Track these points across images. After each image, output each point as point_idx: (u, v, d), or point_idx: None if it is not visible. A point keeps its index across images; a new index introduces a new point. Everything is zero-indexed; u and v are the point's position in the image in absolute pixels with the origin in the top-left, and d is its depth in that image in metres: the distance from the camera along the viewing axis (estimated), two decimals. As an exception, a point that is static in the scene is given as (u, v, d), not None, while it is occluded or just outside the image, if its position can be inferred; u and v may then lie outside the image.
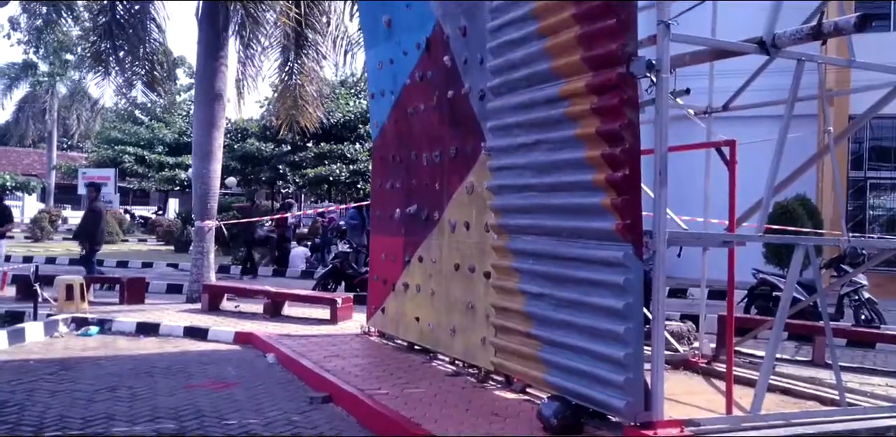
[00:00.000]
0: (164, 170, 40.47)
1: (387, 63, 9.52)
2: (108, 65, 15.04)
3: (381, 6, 9.48)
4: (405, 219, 9.07)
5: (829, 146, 6.42)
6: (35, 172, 52.66)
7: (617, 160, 4.97)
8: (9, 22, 25.43)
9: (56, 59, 42.38)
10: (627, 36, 4.98)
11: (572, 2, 5.32)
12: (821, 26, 5.47)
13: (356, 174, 31.91)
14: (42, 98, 49.07)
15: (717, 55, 6.15)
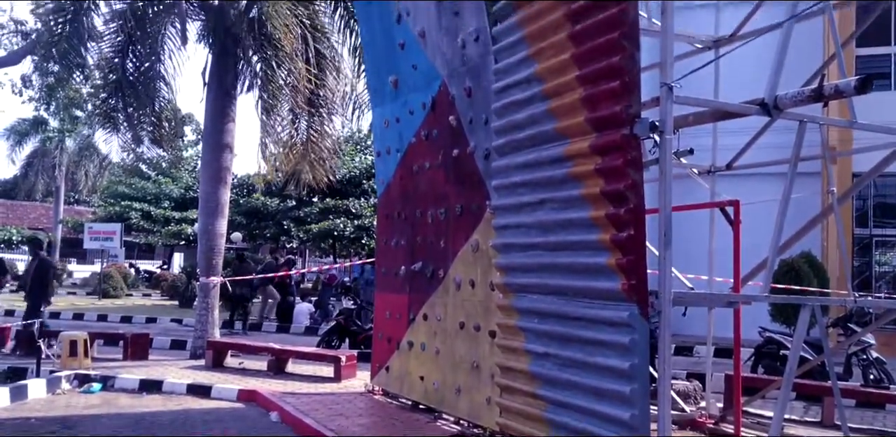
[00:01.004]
0: (170, 225, 40.58)
1: (393, 122, 9.63)
2: (117, 121, 15.22)
3: (388, 67, 9.64)
4: (410, 276, 9.08)
5: (833, 207, 6.45)
6: (42, 227, 52.88)
7: (621, 220, 5.00)
8: (21, 80, 25.78)
9: (66, 115, 42.85)
10: (631, 98, 5.04)
11: (576, 64, 5.41)
12: (822, 89, 5.54)
13: (361, 229, 31.95)
14: (51, 153, 49.49)
15: (720, 116, 6.22)
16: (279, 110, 14.74)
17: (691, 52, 8.51)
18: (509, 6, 6.38)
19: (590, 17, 5.30)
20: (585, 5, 5.35)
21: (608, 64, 5.10)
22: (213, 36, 14.07)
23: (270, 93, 14.11)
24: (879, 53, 19.78)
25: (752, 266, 6.72)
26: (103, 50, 14.95)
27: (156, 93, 14.88)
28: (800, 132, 5.86)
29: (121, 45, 14.58)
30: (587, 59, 5.30)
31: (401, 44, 9.12)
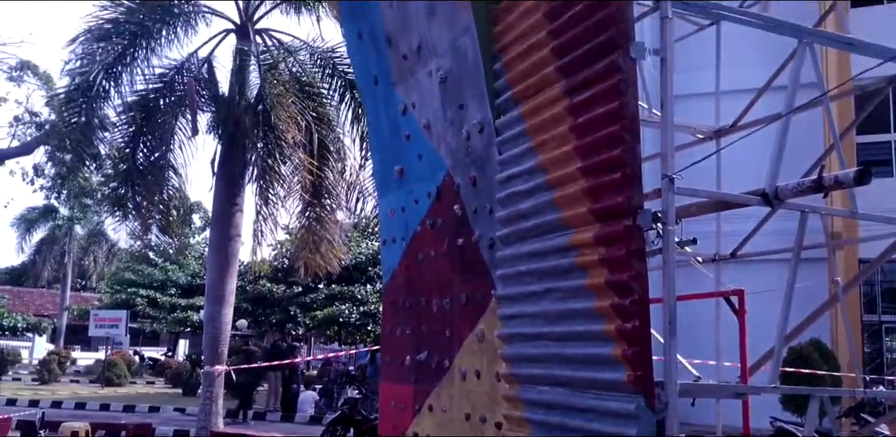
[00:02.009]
0: (176, 312, 40.47)
1: (398, 211, 9.71)
2: (127, 209, 15.40)
3: (394, 157, 9.78)
4: (415, 366, 8.99)
5: (838, 296, 6.44)
6: (47, 313, 52.75)
7: (626, 311, 4.99)
8: (33, 169, 26.26)
9: (76, 203, 43.35)
10: (633, 189, 5.11)
11: (578, 156, 5.50)
12: (821, 179, 5.61)
13: (366, 316, 31.82)
14: (60, 241, 49.81)
15: (722, 207, 6.28)
16: (282, 199, 14.92)
17: (692, 143, 8.64)
18: (512, 100, 6.53)
19: (590, 111, 5.42)
20: (586, 99, 5.47)
21: (609, 156, 5.18)
22: (221, 127, 14.34)
23: (270, 182, 14.31)
24: (880, 140, 20.01)
25: (761, 353, 6.67)
26: (115, 140, 15.24)
27: (165, 182, 15.10)
28: (802, 222, 5.91)
29: (132, 135, 14.87)
30: (589, 152, 5.39)
31: (406, 135, 9.28)
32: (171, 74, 15.26)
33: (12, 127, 25.44)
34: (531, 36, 6.23)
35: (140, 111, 14.66)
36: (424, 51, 8.39)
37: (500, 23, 6.80)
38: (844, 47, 6.40)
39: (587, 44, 5.48)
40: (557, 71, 5.86)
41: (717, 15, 6.10)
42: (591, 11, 5.44)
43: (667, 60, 5.27)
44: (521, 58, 6.42)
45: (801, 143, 9.48)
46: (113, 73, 14.55)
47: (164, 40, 14.97)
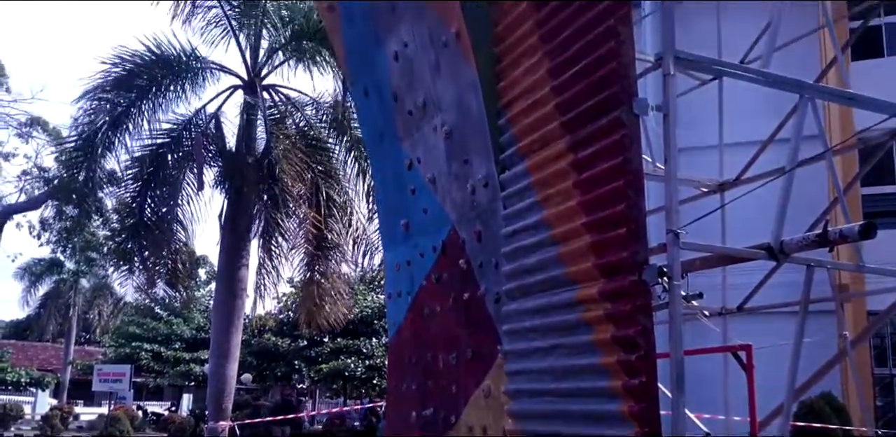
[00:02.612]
0: (180, 365, 40.22)
1: (404, 265, 9.71)
2: (133, 263, 15.44)
3: (400, 211, 9.82)
4: (421, 422, 8.90)
5: (847, 351, 6.40)
6: (51, 368, 52.42)
7: (633, 367, 4.96)
8: (40, 223, 26.44)
9: (82, 257, 43.46)
10: (638, 245, 5.11)
11: (583, 212, 5.52)
12: (826, 234, 5.62)
13: (372, 369, 31.58)
14: (65, 294, 49.75)
15: (727, 261, 6.28)
16: (286, 252, 14.96)
17: (697, 196, 8.67)
18: (517, 155, 6.58)
19: (595, 167, 5.45)
20: (590, 155, 5.51)
21: (614, 212, 5.20)
22: (228, 181, 14.46)
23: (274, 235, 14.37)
24: (885, 192, 20.02)
25: (771, 408, 6.60)
26: (122, 194, 15.36)
27: (173, 236, 15.16)
28: (808, 276, 5.90)
29: (139, 189, 14.99)
30: (594, 207, 5.42)
31: (412, 189, 9.33)
32: (178, 129, 15.44)
33: (21, 182, 25.68)
34: (535, 92, 6.30)
35: (147, 166, 14.79)
36: (430, 106, 8.49)
37: (505, 79, 6.88)
38: (846, 102, 6.46)
39: (591, 100, 5.54)
40: (561, 127, 5.92)
41: (718, 71, 6.17)
42: (594, 69, 5.51)
43: (670, 117, 5.31)
44: (525, 113, 6.48)
45: (806, 194, 9.51)
46: (121, 127, 14.72)
47: (172, 96, 15.18)
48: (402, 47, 8.87)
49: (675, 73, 5.60)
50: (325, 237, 15.37)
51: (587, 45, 5.57)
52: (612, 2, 5.41)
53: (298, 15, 16.86)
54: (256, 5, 16.44)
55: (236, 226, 14.40)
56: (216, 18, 16.72)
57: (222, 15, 16.52)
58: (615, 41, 5.32)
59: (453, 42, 7.77)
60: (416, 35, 8.57)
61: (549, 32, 6.12)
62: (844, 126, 14.98)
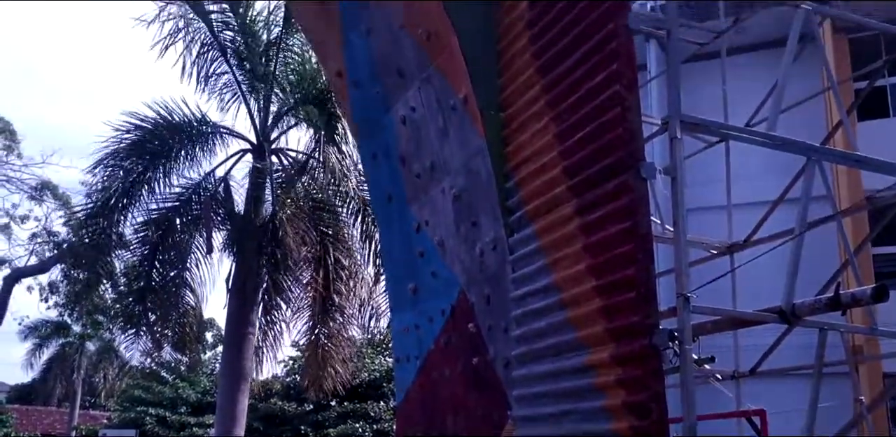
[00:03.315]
0: (186, 430, 39.67)
1: (412, 328, 9.65)
2: (140, 327, 15.38)
3: (408, 274, 9.79)
4: (431, 489, 8.74)
5: (863, 415, 6.29)
6: (55, 433, 51.78)
7: (646, 433, 4.88)
8: (49, 286, 26.52)
9: (89, 320, 43.37)
10: (648, 308, 5.07)
11: (592, 275, 5.49)
12: (838, 297, 5.57)
13: (381, 434, 31.12)
14: (71, 358, 49.47)
15: (739, 324, 6.23)
16: (291, 316, 14.91)
17: (706, 258, 8.63)
18: (525, 218, 6.58)
19: (603, 230, 5.44)
20: (598, 219, 5.51)
21: (624, 276, 5.17)
22: (235, 245, 14.49)
23: (278, 299, 14.35)
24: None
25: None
26: (131, 258, 15.38)
27: (180, 300, 15.14)
28: (821, 340, 5.83)
29: (148, 253, 15.01)
30: (603, 271, 5.39)
31: (420, 252, 9.32)
32: (188, 193, 15.55)
33: (31, 245, 25.83)
34: (543, 156, 6.33)
35: (157, 230, 14.85)
36: (438, 169, 8.54)
37: (512, 143, 6.93)
38: (854, 164, 6.48)
39: (598, 164, 5.56)
40: (569, 190, 5.93)
41: (724, 134, 6.20)
42: (600, 133, 5.55)
43: (677, 180, 5.32)
44: (533, 177, 6.51)
45: (816, 254, 9.47)
46: (132, 193, 14.84)
47: (183, 161, 15.35)
48: (410, 111, 8.97)
49: (682, 136, 5.63)
50: (331, 300, 15.33)
51: (594, 111, 5.62)
52: (618, 67, 5.47)
53: (307, 79, 17.09)
54: (266, 71, 16.69)
55: (243, 289, 14.37)
56: (228, 84, 16.99)
57: (233, 81, 16.79)
58: (621, 107, 5.36)
59: (461, 106, 7.85)
60: (423, 99, 8.67)
61: (555, 97, 6.18)
62: (853, 185, 14.98)
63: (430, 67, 8.30)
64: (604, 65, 5.58)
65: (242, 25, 16.98)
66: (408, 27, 8.44)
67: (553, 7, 6.35)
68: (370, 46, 9.34)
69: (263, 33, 17.37)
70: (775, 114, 6.30)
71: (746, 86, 10.85)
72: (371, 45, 9.31)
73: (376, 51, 9.28)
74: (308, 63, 16.83)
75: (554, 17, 6.32)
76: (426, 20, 8.01)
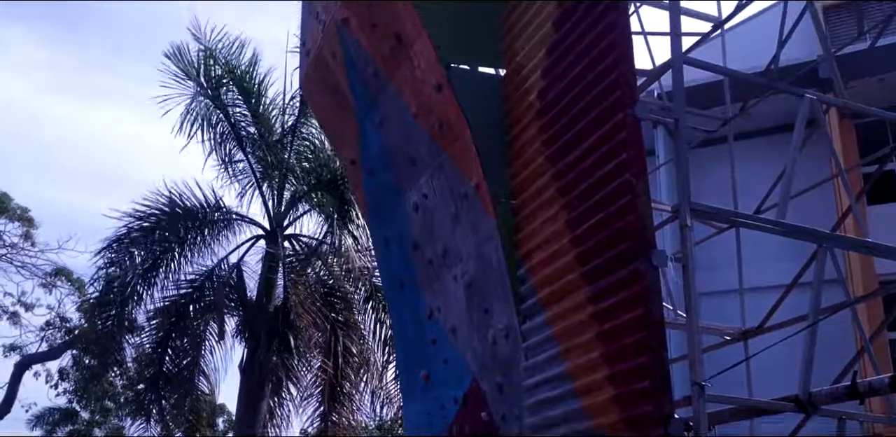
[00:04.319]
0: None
1: (424, 416, 9.53)
2: (150, 414, 15.24)
3: (420, 361, 9.73)
4: None
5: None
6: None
7: None
8: (59, 373, 26.42)
9: (98, 407, 42.93)
10: (662, 397, 5.03)
11: (606, 364, 5.46)
12: (856, 385, 5.52)
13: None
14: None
15: (755, 413, 6.15)
16: (300, 402, 14.77)
17: (720, 344, 8.57)
18: (537, 305, 6.58)
19: (616, 318, 5.44)
20: (611, 306, 5.52)
21: (637, 364, 5.15)
22: (248, 331, 14.49)
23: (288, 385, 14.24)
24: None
25: None
26: (143, 344, 15.36)
27: (193, 387, 15.05)
28: (839, 429, 5.74)
29: (160, 340, 14.99)
30: (616, 359, 5.37)
31: (432, 339, 9.27)
32: (201, 280, 15.61)
33: (42, 332, 25.82)
34: (554, 243, 6.37)
35: (170, 316, 14.86)
36: (450, 256, 8.57)
37: (523, 230, 6.98)
38: (865, 251, 6.50)
39: (609, 252, 5.59)
40: (581, 277, 5.95)
41: (734, 222, 6.25)
42: (611, 221, 5.60)
43: (689, 268, 5.34)
44: (544, 264, 6.54)
45: (832, 340, 9.38)
46: (146, 281, 14.92)
47: (196, 248, 15.46)
48: (423, 198, 9.06)
49: (692, 224, 5.68)
50: (340, 387, 15.20)
51: (604, 199, 5.69)
52: (627, 156, 5.56)
53: (320, 166, 17.35)
54: (280, 158, 16.97)
55: (255, 375, 14.27)
56: (243, 171, 17.26)
57: (248, 168, 17.06)
58: (631, 195, 5.43)
59: (473, 194, 7.93)
60: (436, 187, 8.77)
61: (566, 185, 6.26)
62: (866, 268, 14.93)
63: (442, 155, 8.42)
64: (613, 154, 5.68)
65: (258, 114, 17.34)
66: (420, 117, 8.61)
67: (563, 97, 6.50)
68: (383, 136, 9.51)
69: (278, 121, 17.75)
70: (785, 201, 6.35)
71: (755, 169, 10.97)
72: (384, 135, 9.48)
73: (389, 140, 9.44)
74: (322, 151, 17.14)
75: (563, 106, 6.47)
76: (438, 110, 8.17)
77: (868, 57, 13.27)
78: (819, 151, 10.66)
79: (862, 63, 14.04)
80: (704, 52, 9.48)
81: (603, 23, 6.03)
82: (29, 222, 25.40)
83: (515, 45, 7.58)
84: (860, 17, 8.91)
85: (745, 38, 13.39)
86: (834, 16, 15.59)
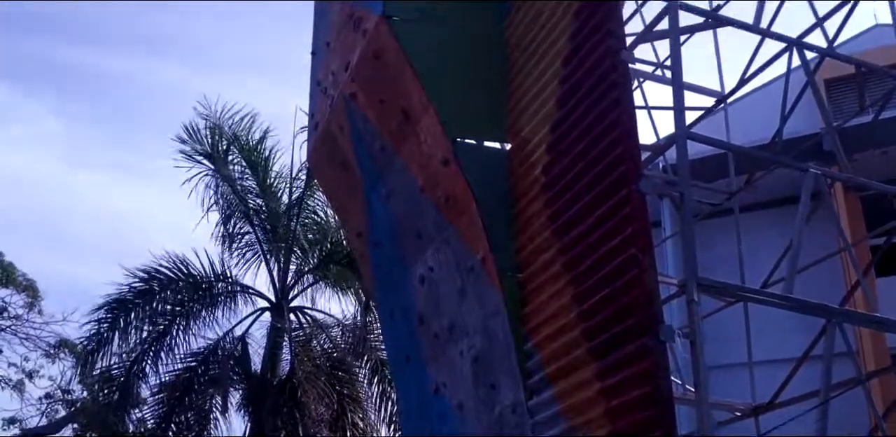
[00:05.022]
0: None
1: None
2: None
3: (426, 436, 9.59)
4: None
5: None
6: None
7: None
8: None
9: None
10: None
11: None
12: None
13: None
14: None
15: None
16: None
17: (731, 420, 8.44)
18: (545, 381, 6.52)
19: (624, 395, 5.38)
20: (618, 382, 5.46)
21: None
22: (252, 405, 14.34)
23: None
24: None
25: None
26: (146, 418, 15.17)
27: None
28: None
29: (164, 414, 14.81)
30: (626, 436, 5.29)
31: (439, 415, 9.15)
32: (205, 353, 15.50)
33: (43, 404, 25.48)
34: (561, 318, 6.34)
35: (174, 390, 14.71)
36: (456, 330, 8.51)
37: (530, 304, 6.96)
38: (875, 327, 6.44)
39: (617, 327, 5.56)
40: (588, 353, 5.90)
41: (741, 296, 6.22)
42: (618, 296, 5.58)
43: (697, 343, 5.30)
44: (551, 339, 6.50)
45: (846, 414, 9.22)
46: (150, 354, 14.83)
47: (202, 321, 15.41)
48: (429, 272, 9.04)
49: (699, 298, 5.65)
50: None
51: (610, 274, 5.68)
52: (632, 231, 5.57)
53: (326, 239, 17.41)
54: (287, 230, 17.04)
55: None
56: (249, 243, 17.31)
57: (255, 240, 17.12)
58: (638, 269, 5.43)
59: (479, 267, 7.92)
60: (442, 260, 8.76)
61: (572, 260, 6.26)
62: (877, 342, 14.74)
63: (449, 229, 8.44)
64: (619, 229, 5.69)
65: (265, 187, 17.49)
66: (427, 190, 8.66)
67: (568, 172, 6.55)
68: (390, 209, 9.56)
69: (285, 194, 17.90)
70: (792, 275, 6.32)
71: (762, 240, 10.96)
72: (391, 208, 9.52)
73: (396, 213, 9.48)
74: (328, 223, 17.21)
75: (568, 181, 6.51)
76: (444, 184, 8.22)
77: (871, 130, 13.33)
78: (825, 224, 10.66)
79: (865, 136, 14.09)
80: (708, 124, 9.59)
81: (606, 100, 6.12)
82: (34, 293, 25.31)
83: (520, 121, 7.68)
84: (862, 93, 8.99)
85: (748, 110, 13.54)
86: (836, 87, 15.70)
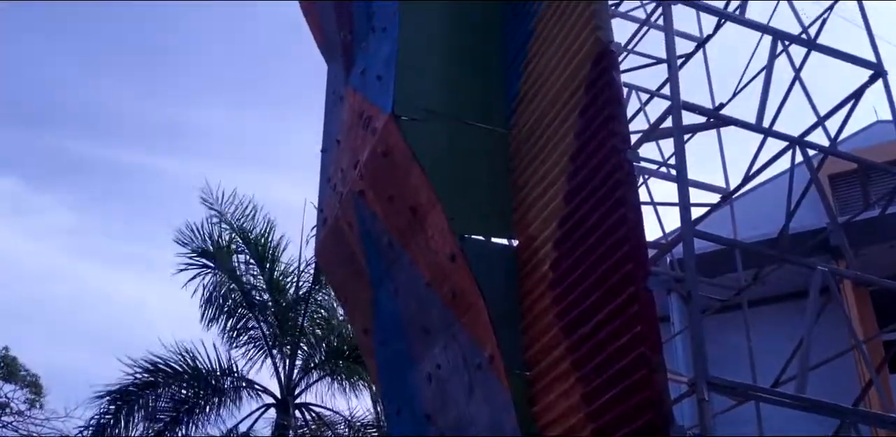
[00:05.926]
0: None
1: None
2: None
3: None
4: None
5: None
6: None
7: None
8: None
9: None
10: None
11: None
12: None
13: None
14: None
15: None
16: None
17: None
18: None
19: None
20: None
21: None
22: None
23: None
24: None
25: None
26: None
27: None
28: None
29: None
30: None
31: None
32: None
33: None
34: (570, 418, 6.26)
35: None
36: (463, 427, 8.39)
37: (540, 402, 6.89)
38: (891, 428, 6.30)
39: (627, 427, 5.48)
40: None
41: (752, 396, 6.13)
42: (627, 395, 5.52)
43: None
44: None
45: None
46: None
47: (205, 417, 15.23)
48: (436, 369, 8.96)
49: (710, 397, 5.57)
50: None
51: (620, 372, 5.63)
52: (641, 330, 5.54)
53: (333, 333, 17.31)
54: (293, 325, 16.97)
55: None
56: (255, 338, 17.23)
57: (260, 335, 17.05)
58: (647, 369, 5.38)
59: (487, 365, 7.86)
60: (449, 357, 8.70)
61: (580, 358, 6.22)
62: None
63: (456, 325, 8.40)
64: (627, 327, 5.66)
65: (271, 281, 17.50)
66: (434, 286, 8.66)
67: (575, 269, 6.57)
68: (397, 305, 9.54)
69: (292, 288, 17.87)
70: (803, 374, 6.25)
71: (773, 335, 10.85)
72: (398, 304, 9.51)
73: (404, 309, 9.46)
74: (335, 318, 17.15)
75: (576, 278, 6.52)
76: (452, 280, 8.23)
77: (878, 224, 13.35)
78: (836, 319, 10.57)
79: (872, 230, 14.08)
80: (715, 218, 9.64)
81: (612, 199, 6.18)
82: (38, 390, 25.08)
83: (527, 217, 7.75)
84: (865, 191, 9.07)
85: (754, 204, 13.61)
86: (841, 182, 15.80)
